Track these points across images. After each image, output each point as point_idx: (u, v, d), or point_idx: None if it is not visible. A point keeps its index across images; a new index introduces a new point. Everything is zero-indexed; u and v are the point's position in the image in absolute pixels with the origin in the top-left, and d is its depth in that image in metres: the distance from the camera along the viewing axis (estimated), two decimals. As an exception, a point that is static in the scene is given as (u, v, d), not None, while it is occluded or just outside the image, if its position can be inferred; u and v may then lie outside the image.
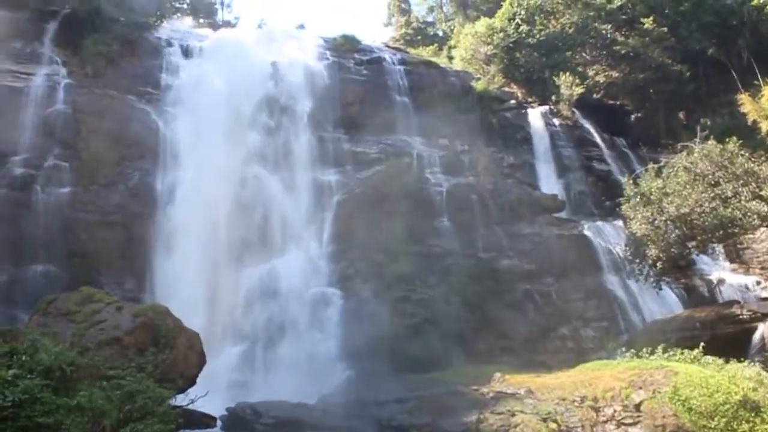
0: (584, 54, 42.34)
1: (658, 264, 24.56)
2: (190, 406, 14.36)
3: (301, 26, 49.55)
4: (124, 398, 11.25)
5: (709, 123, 36.66)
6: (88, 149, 27.53)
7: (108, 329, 14.73)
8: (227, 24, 45.73)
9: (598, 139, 38.50)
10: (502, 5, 45.79)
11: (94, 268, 24.68)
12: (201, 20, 43.12)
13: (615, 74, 41.23)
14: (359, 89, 35.18)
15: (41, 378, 10.01)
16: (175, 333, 15.28)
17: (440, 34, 62.27)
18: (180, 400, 14.12)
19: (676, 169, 25.29)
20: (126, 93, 29.87)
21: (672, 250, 24.19)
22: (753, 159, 24.55)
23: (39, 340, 11.72)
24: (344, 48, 38.33)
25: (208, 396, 14.26)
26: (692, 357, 19.10)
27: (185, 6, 43.12)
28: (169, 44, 33.67)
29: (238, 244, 27.32)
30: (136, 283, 25.30)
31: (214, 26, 42.45)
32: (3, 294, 23.12)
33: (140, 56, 31.84)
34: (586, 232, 31.20)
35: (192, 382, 15.49)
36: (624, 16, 42.00)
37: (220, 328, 25.38)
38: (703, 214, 23.21)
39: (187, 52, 33.71)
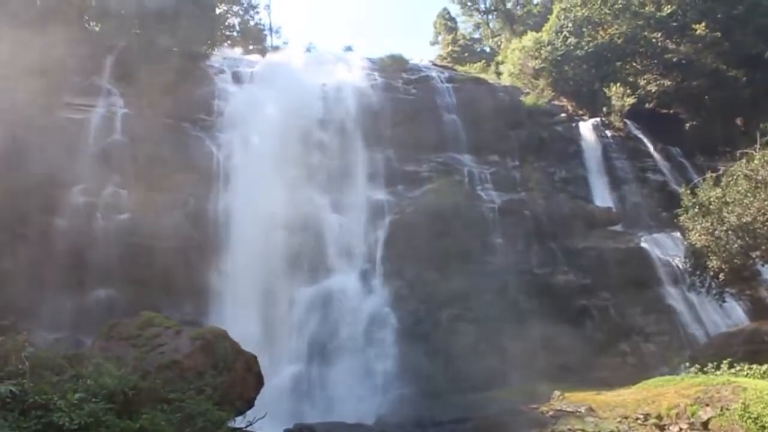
0: (634, 64, 41.61)
1: (720, 275, 23.80)
2: (249, 428, 14.46)
3: (349, 48, 50.25)
4: (185, 421, 11.38)
5: (768, 128, 35.55)
6: (145, 176, 28.23)
7: (168, 353, 14.94)
8: (276, 49, 46.54)
9: (652, 150, 37.73)
10: (548, 19, 45.57)
11: (153, 292, 25.14)
12: (251, 47, 44.00)
13: (667, 83, 40.32)
14: (408, 108, 35.34)
15: (105, 401, 10.23)
16: (233, 355, 15.41)
17: (487, 50, 62.27)
18: (239, 422, 14.24)
19: (735, 177, 24.51)
20: (180, 120, 30.64)
21: (735, 260, 23.40)
22: (817, 164, 23.64)
23: (102, 364, 12.00)
24: (392, 68, 38.66)
25: (266, 417, 14.33)
26: (762, 372, 18.38)
27: (235, 34, 44.07)
28: (221, 71, 34.49)
29: (292, 265, 27.57)
30: (193, 306, 25.72)
31: (264, 52, 43.25)
32: (68, 320, 23.77)
33: (193, 84, 32.64)
34: (643, 245, 30.49)
35: (250, 404, 15.60)
36: (674, 24, 41.16)
37: (276, 348, 25.57)
38: (767, 223, 22.45)
39: (238, 78, 34.47)
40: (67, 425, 9.29)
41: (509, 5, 62.34)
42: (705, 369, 19.34)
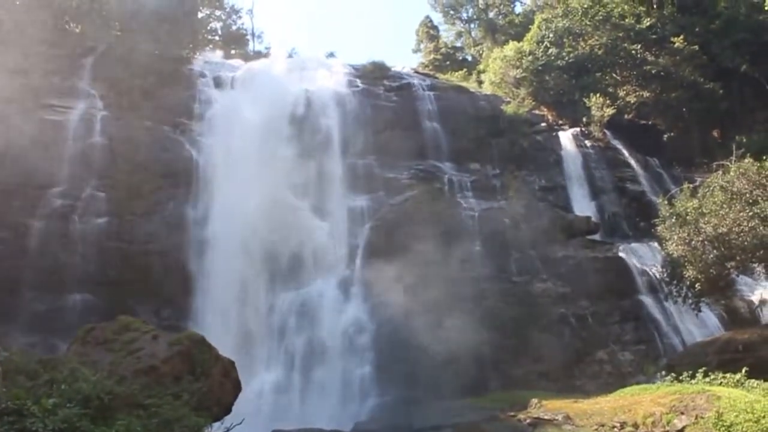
0: (614, 75, 42.08)
1: (696, 285, 24.07)
2: (226, 434, 14.37)
3: (331, 54, 50.35)
4: (161, 427, 11.25)
5: (744, 140, 36.08)
6: (124, 180, 28.06)
7: (144, 358, 14.78)
8: (258, 54, 46.50)
9: (630, 160, 38.10)
10: (530, 29, 45.97)
11: (130, 296, 24.99)
12: (233, 51, 43.94)
13: (646, 94, 40.84)
14: (389, 115, 35.41)
15: (80, 407, 10.08)
16: (210, 361, 15.28)
17: (469, 58, 62.61)
18: (216, 428, 14.14)
19: (712, 188, 24.84)
20: (160, 124, 30.48)
21: (710, 270, 23.68)
22: (792, 177, 24.00)
23: (78, 369, 11.85)
24: (374, 75, 38.71)
25: (243, 423, 14.25)
26: (735, 381, 18.56)
27: (217, 38, 44.01)
28: (202, 75, 34.36)
29: (271, 271, 27.51)
30: (172, 311, 25.57)
31: (246, 57, 43.21)
32: (43, 323, 23.50)
33: (174, 88, 32.49)
34: (621, 254, 30.72)
35: (228, 410, 15.49)
36: (654, 36, 41.73)
37: (254, 354, 25.48)
38: (742, 234, 22.72)
39: (219, 83, 34.35)
40: (41, 431, 9.15)
41: (491, 15, 62.83)
42: (680, 378, 19.48)
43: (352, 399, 23.97)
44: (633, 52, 41.25)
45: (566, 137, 38.37)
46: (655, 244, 29.19)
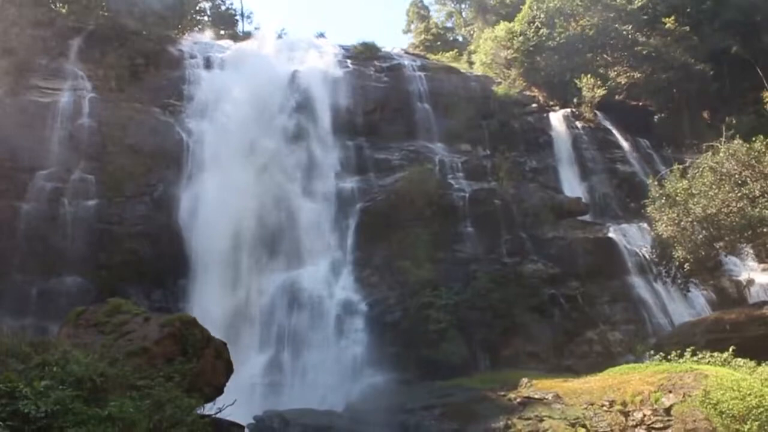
0: (605, 55, 42.03)
1: (685, 266, 24.25)
2: (218, 415, 14.41)
3: (321, 35, 49.95)
4: (154, 408, 11.27)
5: (734, 122, 36.20)
6: (113, 162, 27.90)
7: (136, 340, 14.77)
8: (248, 35, 46.11)
9: (621, 141, 38.19)
10: (521, 9, 45.71)
11: (121, 279, 24.95)
12: (222, 32, 43.55)
13: (637, 75, 40.81)
14: (380, 96, 35.30)
15: (72, 389, 10.10)
16: (202, 342, 15.29)
17: (460, 39, 62.33)
18: (208, 408, 14.18)
19: (701, 169, 24.94)
20: (149, 105, 30.27)
21: (699, 251, 23.84)
22: (780, 157, 24.12)
23: (70, 351, 11.84)
24: (364, 55, 38.52)
25: (235, 404, 14.31)
26: (722, 360, 18.80)
27: (206, 18, 43.60)
28: (191, 56, 34.07)
29: (262, 253, 27.49)
30: (162, 293, 25.56)
31: (235, 37, 42.87)
32: (34, 306, 23.47)
33: (163, 69, 32.25)
34: (611, 235, 30.86)
35: (220, 391, 15.53)
36: (645, 17, 41.65)
37: (246, 336, 25.52)
38: (731, 215, 22.87)
39: (208, 64, 34.10)
40: (34, 413, 9.15)
41: (482, -5, 62.40)
42: (669, 357, 19.69)
43: (343, 380, 24.07)
44: (624, 32, 41.18)
45: (557, 118, 38.38)
46: (645, 225, 29.36)
